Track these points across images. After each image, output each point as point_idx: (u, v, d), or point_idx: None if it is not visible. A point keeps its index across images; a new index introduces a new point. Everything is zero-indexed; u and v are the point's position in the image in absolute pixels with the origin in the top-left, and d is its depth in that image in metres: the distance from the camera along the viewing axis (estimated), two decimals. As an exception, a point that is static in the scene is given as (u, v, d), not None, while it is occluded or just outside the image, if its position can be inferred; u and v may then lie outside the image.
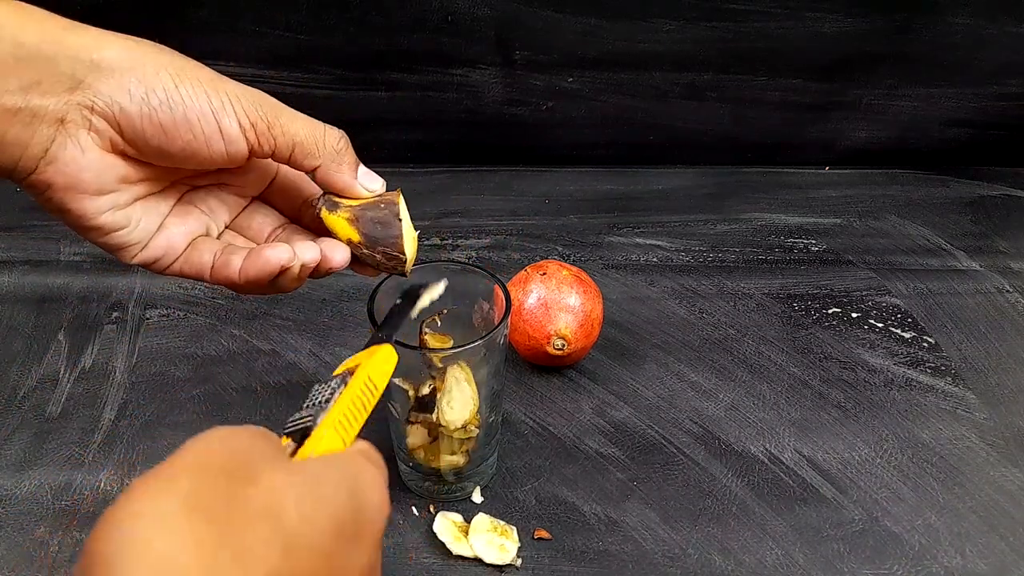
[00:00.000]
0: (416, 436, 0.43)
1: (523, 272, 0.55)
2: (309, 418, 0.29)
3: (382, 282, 0.43)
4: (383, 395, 0.33)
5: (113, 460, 0.49)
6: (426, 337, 0.44)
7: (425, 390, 0.41)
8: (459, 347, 0.40)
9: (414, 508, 0.46)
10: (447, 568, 0.43)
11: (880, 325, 0.62)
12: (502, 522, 0.45)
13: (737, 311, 0.63)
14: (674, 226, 0.73)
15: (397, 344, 0.38)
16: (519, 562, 0.43)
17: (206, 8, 0.69)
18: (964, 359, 0.59)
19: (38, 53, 0.29)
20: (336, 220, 0.36)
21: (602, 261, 0.68)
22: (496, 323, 0.42)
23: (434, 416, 0.42)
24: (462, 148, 0.81)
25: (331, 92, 0.75)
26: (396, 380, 0.42)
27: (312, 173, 0.35)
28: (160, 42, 0.32)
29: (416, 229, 0.38)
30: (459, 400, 0.41)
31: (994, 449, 0.51)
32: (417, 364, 0.41)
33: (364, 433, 0.30)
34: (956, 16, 0.72)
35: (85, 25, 0.30)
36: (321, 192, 0.36)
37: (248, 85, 0.32)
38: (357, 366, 0.32)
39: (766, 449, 0.51)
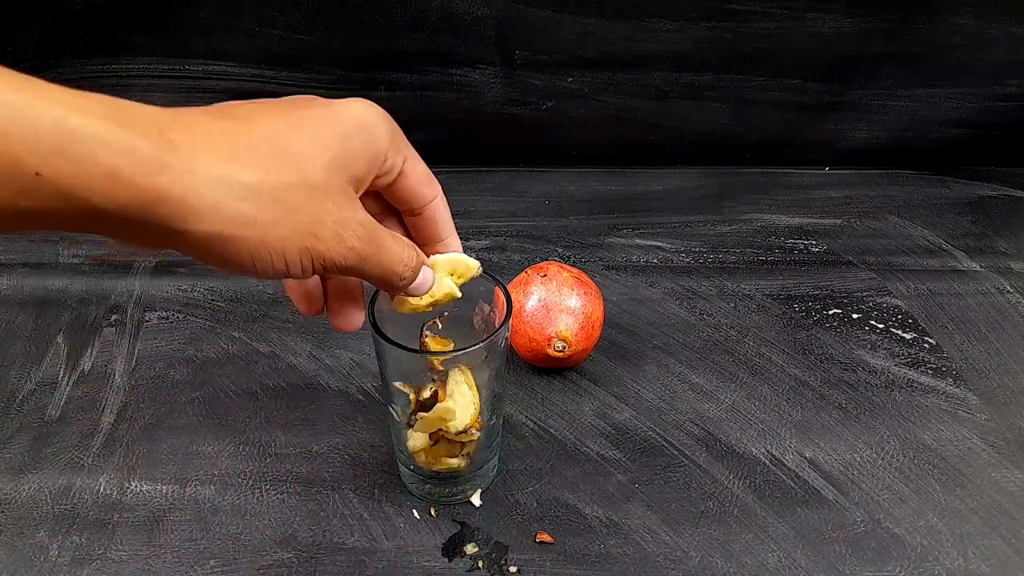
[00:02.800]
0: (417, 439, 0.43)
1: (523, 274, 0.55)
2: None
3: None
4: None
5: (112, 464, 0.49)
6: (427, 340, 0.44)
7: (426, 393, 0.41)
8: (460, 350, 0.40)
9: (415, 511, 0.46)
10: (448, 571, 0.43)
11: (881, 326, 0.61)
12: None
13: (738, 312, 0.63)
14: (674, 227, 0.73)
15: (398, 348, 0.38)
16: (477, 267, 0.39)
17: (206, 8, 0.68)
18: (965, 360, 0.58)
19: None
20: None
21: (602, 262, 0.68)
22: (497, 326, 0.42)
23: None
24: (462, 148, 0.80)
25: (331, 92, 0.74)
26: (397, 384, 0.42)
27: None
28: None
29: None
30: (460, 403, 0.41)
31: (995, 450, 0.51)
32: (418, 367, 0.41)
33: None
34: (956, 16, 0.72)
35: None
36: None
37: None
38: None
39: (767, 451, 0.51)
